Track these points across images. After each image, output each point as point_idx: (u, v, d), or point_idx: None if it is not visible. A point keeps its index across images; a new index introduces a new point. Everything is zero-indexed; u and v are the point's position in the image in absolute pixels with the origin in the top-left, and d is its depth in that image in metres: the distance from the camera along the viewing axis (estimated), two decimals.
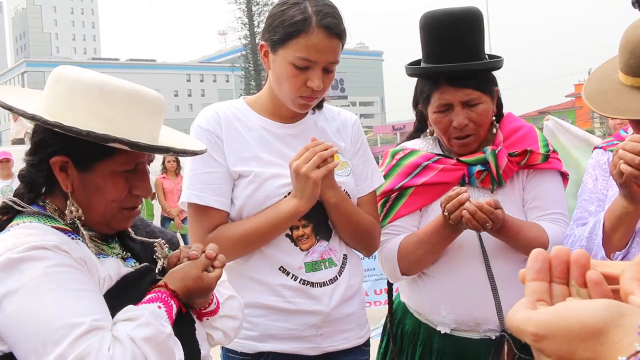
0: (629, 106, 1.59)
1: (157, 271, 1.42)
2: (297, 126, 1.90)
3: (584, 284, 0.61)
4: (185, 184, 1.83)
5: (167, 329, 1.24)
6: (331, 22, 1.73)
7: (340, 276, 1.87)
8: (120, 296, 1.29)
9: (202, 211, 1.80)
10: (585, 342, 0.53)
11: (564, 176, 2.09)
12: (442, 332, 1.98)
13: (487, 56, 2.02)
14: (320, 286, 1.83)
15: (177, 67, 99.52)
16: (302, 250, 1.82)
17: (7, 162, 8.04)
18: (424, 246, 1.93)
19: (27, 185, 1.35)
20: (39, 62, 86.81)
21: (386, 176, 2.05)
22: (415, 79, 2.08)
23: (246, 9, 45.82)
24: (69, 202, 1.32)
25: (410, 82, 2.11)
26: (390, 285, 2.23)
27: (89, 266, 1.27)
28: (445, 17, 1.94)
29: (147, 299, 1.29)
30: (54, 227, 1.29)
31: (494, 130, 2.04)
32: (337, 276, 1.86)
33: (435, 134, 2.08)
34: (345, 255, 1.90)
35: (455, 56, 1.91)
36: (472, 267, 1.94)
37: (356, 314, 1.92)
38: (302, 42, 1.71)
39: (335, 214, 1.84)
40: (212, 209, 1.79)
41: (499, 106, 2.09)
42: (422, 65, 2.01)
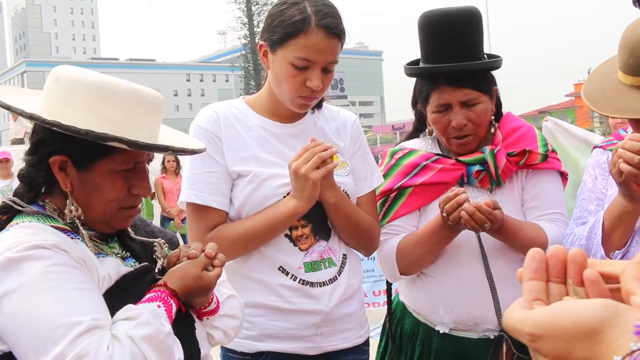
0: (629, 105, 1.59)
1: (157, 271, 1.42)
2: (296, 126, 1.90)
3: (581, 283, 0.60)
4: (184, 184, 1.83)
5: (166, 328, 1.24)
6: (330, 22, 1.73)
7: (339, 276, 1.87)
8: (119, 295, 1.29)
9: (200, 211, 1.80)
10: (580, 342, 0.53)
11: (563, 176, 2.08)
12: (441, 332, 1.98)
13: (486, 56, 2.02)
14: (319, 286, 1.83)
15: (177, 67, 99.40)
16: (301, 250, 1.82)
17: (7, 162, 8.02)
18: (422, 246, 1.93)
19: (26, 184, 1.35)
20: (38, 62, 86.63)
21: (385, 176, 2.05)
22: (414, 79, 2.08)
23: (246, 9, 45.73)
24: (68, 202, 1.32)
25: (409, 81, 2.11)
26: (389, 285, 2.23)
27: (88, 265, 1.27)
28: (444, 17, 1.94)
29: (146, 298, 1.29)
30: (54, 226, 1.30)
31: (492, 129, 2.04)
32: (336, 276, 1.86)
33: (434, 134, 2.08)
34: (344, 255, 1.90)
35: (453, 56, 1.91)
36: (471, 267, 1.94)
37: (356, 313, 1.92)
38: (301, 42, 1.71)
39: (334, 214, 1.84)
40: (211, 208, 1.79)
41: (498, 106, 2.09)
42: (421, 65, 2.01)
